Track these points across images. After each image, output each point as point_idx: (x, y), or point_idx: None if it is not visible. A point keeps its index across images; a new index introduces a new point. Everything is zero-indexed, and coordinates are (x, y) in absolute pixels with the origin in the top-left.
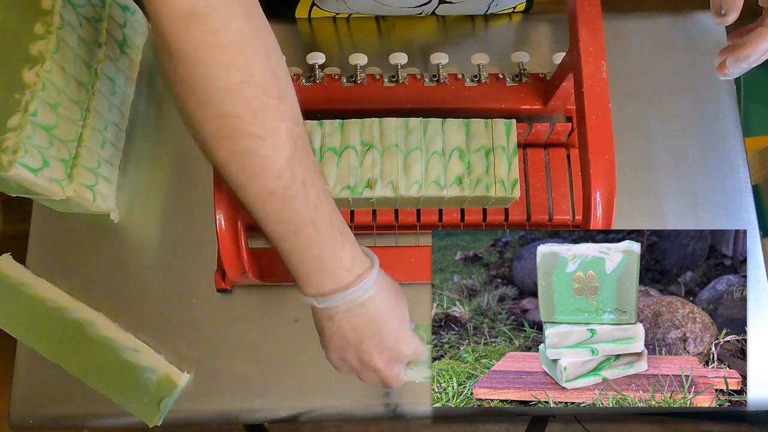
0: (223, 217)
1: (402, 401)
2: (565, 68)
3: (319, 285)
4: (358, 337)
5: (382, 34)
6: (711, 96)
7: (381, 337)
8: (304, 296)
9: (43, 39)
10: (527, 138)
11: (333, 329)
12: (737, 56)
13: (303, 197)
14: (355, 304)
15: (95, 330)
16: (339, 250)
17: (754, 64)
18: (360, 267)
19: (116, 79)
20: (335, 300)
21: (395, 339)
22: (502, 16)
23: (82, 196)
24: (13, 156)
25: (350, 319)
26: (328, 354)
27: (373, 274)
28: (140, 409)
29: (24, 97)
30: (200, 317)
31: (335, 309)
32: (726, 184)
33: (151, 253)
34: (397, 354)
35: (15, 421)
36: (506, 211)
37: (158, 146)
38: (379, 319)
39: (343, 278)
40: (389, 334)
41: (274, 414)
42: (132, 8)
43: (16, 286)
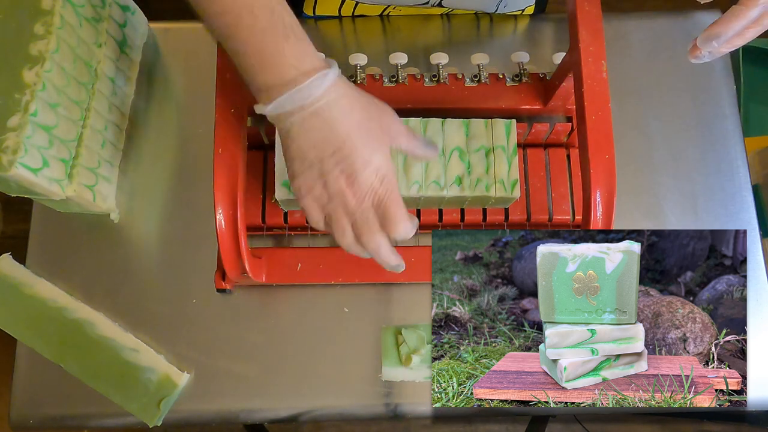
0: (223, 217)
1: (402, 401)
2: (565, 68)
3: (265, 85)
4: (318, 156)
5: (387, 34)
6: (711, 96)
7: (343, 155)
8: (257, 104)
9: (43, 39)
10: (527, 138)
11: (293, 147)
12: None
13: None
14: (308, 113)
15: (95, 330)
16: (282, 43)
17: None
18: (309, 65)
19: (116, 79)
20: (282, 102)
21: (364, 159)
22: (509, 18)
23: (82, 196)
24: (13, 156)
25: (307, 133)
26: (293, 185)
27: (327, 75)
28: (140, 409)
29: (24, 97)
30: (200, 317)
31: (290, 121)
32: (726, 184)
33: (151, 253)
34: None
35: (15, 421)
36: (506, 211)
37: (158, 146)
38: (339, 133)
39: (288, 74)
40: (355, 151)
41: (274, 414)
42: (132, 8)
43: (16, 286)
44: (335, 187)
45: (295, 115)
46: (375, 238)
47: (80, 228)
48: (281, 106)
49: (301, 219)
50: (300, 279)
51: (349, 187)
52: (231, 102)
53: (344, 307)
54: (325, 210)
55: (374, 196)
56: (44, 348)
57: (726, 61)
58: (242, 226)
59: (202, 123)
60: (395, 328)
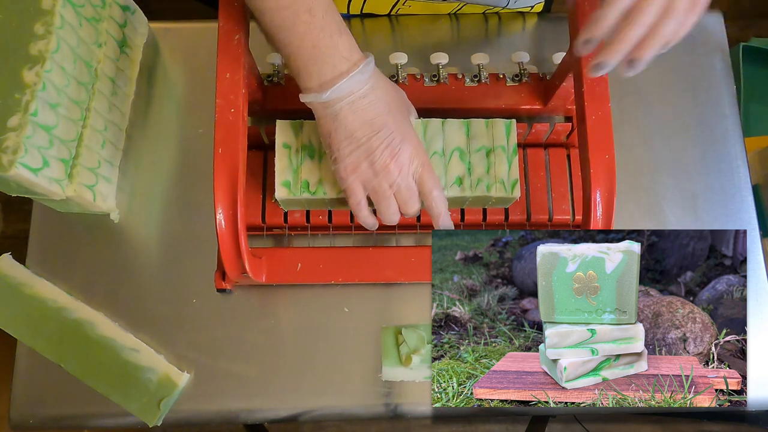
0: (223, 217)
1: (402, 401)
2: (565, 68)
3: (319, 75)
4: (366, 134)
5: (395, 35)
6: (711, 96)
7: (389, 130)
8: (307, 93)
9: (43, 39)
10: (527, 138)
11: (340, 130)
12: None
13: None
14: (358, 96)
15: (95, 330)
16: (336, 38)
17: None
18: (357, 56)
19: (116, 79)
20: (337, 90)
21: (402, 136)
22: (517, 17)
23: (82, 196)
24: (13, 156)
25: (355, 113)
26: (339, 166)
27: (369, 64)
28: (140, 409)
29: (24, 97)
30: (200, 317)
31: (339, 104)
32: (726, 184)
33: (151, 253)
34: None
35: (15, 421)
36: (506, 211)
37: (158, 146)
38: (382, 113)
39: (342, 66)
40: (396, 129)
41: (274, 414)
42: (132, 8)
43: (16, 286)
44: (381, 162)
45: (344, 99)
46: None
47: (80, 228)
48: (335, 93)
49: (301, 219)
50: (300, 279)
51: (393, 161)
52: (231, 102)
53: (344, 307)
54: (369, 186)
55: (412, 166)
56: (44, 348)
57: (726, 61)
58: (242, 226)
59: (202, 123)
60: (395, 328)
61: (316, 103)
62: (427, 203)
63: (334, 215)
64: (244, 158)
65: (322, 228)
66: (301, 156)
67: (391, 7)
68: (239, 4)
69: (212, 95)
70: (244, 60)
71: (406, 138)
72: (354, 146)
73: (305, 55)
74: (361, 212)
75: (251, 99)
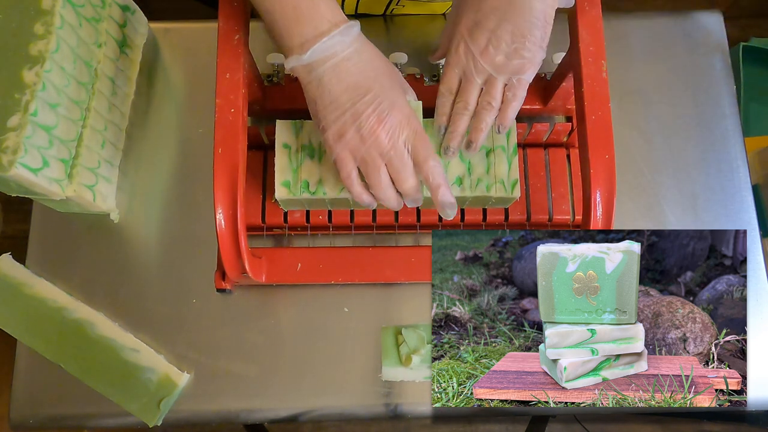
0: (223, 217)
1: (402, 401)
2: (565, 68)
3: (300, 35)
4: (351, 98)
5: (390, 35)
6: (711, 96)
7: (375, 95)
8: (290, 57)
9: (43, 39)
10: (527, 138)
11: (324, 95)
12: None
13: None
14: (341, 58)
15: (95, 330)
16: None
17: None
18: (339, 18)
19: (116, 79)
20: (318, 50)
21: (391, 103)
22: None
23: (82, 196)
24: (13, 156)
25: (339, 76)
26: (326, 135)
27: (354, 26)
28: (140, 409)
29: (24, 97)
30: (200, 317)
31: (322, 67)
32: (726, 184)
33: (151, 253)
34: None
35: (15, 421)
36: (506, 211)
37: (158, 146)
38: (368, 76)
39: (323, 26)
40: (383, 95)
41: (274, 414)
42: (132, 8)
43: (16, 286)
44: (368, 128)
45: (327, 62)
46: (412, 178)
47: (80, 228)
48: (317, 54)
49: (301, 219)
50: (300, 279)
51: (381, 127)
52: (231, 102)
53: (344, 307)
54: (359, 155)
55: (403, 134)
56: (44, 348)
57: (726, 61)
58: (242, 226)
59: (202, 123)
60: (395, 328)
61: (300, 68)
62: (423, 174)
63: (334, 215)
64: (244, 158)
65: (322, 228)
66: (300, 156)
67: (385, 7)
68: (239, 4)
69: (212, 95)
70: (244, 60)
71: (396, 105)
72: (339, 112)
73: (287, 17)
74: (354, 187)
75: (251, 99)
